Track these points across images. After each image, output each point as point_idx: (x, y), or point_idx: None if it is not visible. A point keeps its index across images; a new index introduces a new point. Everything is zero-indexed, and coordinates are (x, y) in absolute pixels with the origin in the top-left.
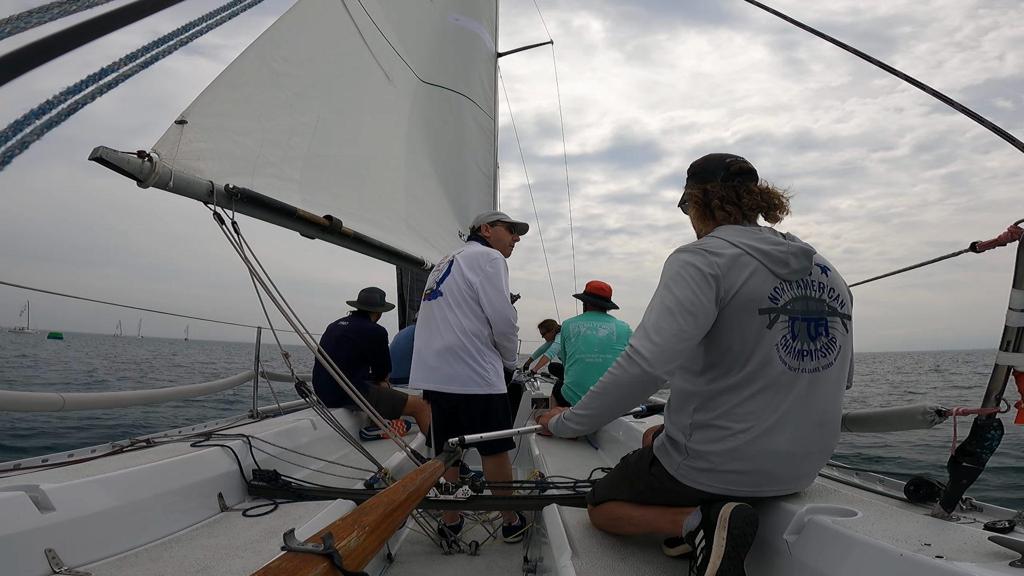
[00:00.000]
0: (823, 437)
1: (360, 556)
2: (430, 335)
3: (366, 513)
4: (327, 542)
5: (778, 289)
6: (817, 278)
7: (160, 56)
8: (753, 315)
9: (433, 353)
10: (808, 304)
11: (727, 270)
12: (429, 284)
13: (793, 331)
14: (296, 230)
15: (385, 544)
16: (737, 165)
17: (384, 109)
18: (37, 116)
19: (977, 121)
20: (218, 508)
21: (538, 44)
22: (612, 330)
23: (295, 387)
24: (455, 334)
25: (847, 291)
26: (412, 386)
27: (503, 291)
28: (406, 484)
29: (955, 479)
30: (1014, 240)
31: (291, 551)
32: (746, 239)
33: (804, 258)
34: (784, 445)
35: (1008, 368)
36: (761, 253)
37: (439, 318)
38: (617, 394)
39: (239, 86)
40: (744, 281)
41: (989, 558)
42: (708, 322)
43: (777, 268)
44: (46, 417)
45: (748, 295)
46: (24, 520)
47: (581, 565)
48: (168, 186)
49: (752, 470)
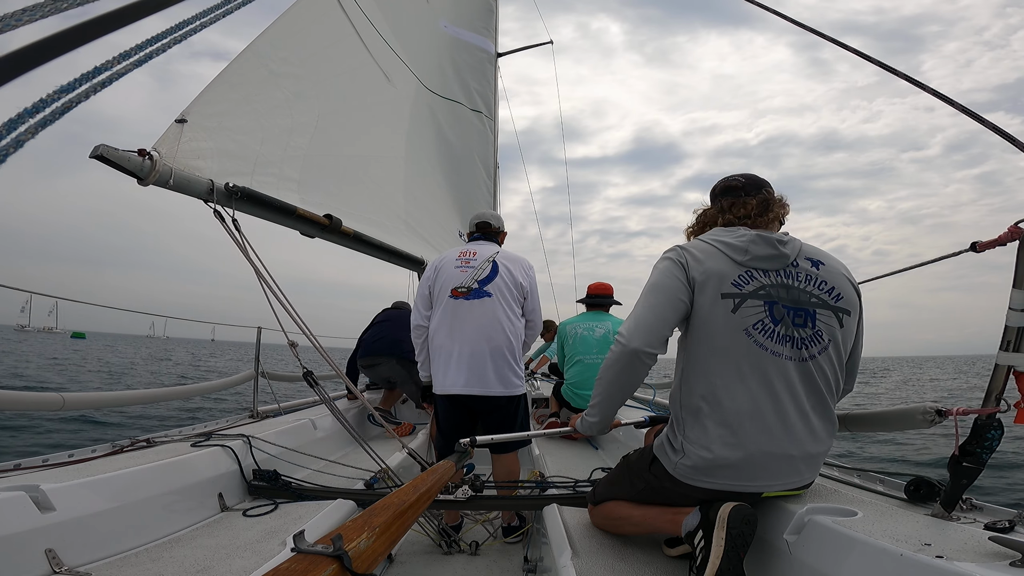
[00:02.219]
0: (814, 428)
1: (370, 558)
2: (474, 336)
3: (376, 514)
4: (337, 543)
5: (743, 276)
6: (805, 270)
7: (155, 54)
8: (717, 299)
9: (478, 355)
10: (790, 292)
11: (693, 259)
12: (463, 281)
13: (773, 316)
14: (296, 229)
15: (395, 545)
16: (721, 185)
17: (384, 109)
18: (31, 115)
19: (988, 127)
20: (218, 508)
21: (538, 44)
22: (608, 328)
23: (303, 377)
24: (506, 335)
25: (848, 286)
26: (446, 391)
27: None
28: (416, 485)
29: (955, 479)
30: (1014, 240)
31: (301, 552)
32: (718, 236)
33: (765, 244)
34: (773, 431)
35: (1008, 368)
36: (724, 245)
37: (488, 319)
38: (609, 375)
39: (238, 86)
40: (707, 268)
41: (989, 558)
42: (678, 296)
43: (737, 255)
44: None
45: (710, 279)
46: (24, 520)
47: (581, 565)
48: (168, 184)
49: (748, 465)
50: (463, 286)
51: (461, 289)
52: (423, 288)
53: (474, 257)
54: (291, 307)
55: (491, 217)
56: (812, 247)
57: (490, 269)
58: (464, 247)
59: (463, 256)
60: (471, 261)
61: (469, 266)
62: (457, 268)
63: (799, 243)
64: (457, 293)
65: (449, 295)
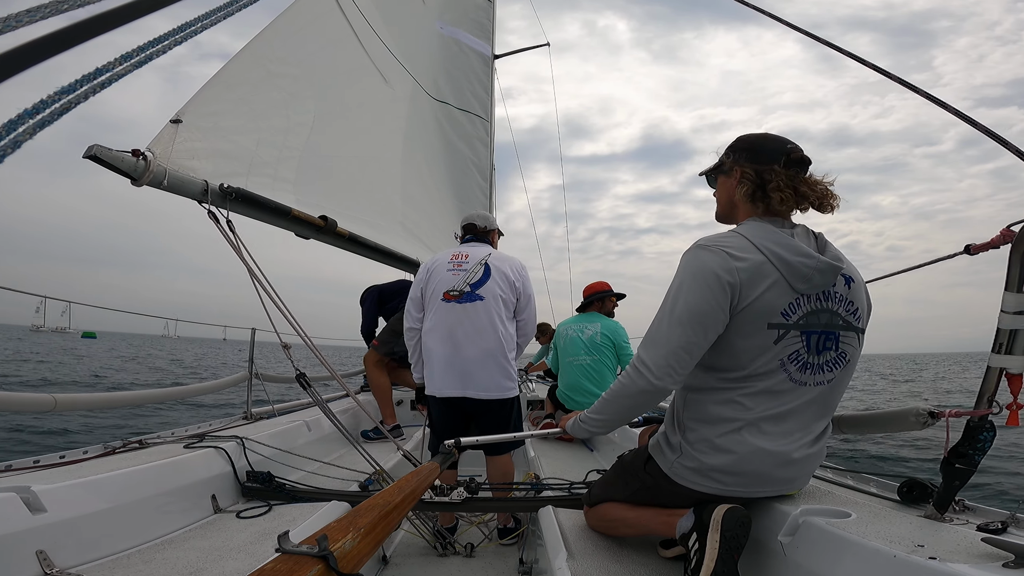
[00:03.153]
0: (818, 442)
1: (355, 558)
2: (465, 340)
3: (361, 515)
4: (322, 544)
5: (792, 305)
6: (839, 290)
7: (155, 55)
8: (762, 328)
9: (470, 359)
10: (821, 317)
11: (746, 279)
12: (455, 284)
13: (808, 345)
14: (291, 230)
15: (380, 546)
16: (799, 153)
17: (380, 110)
18: (30, 116)
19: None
20: (211, 510)
21: (535, 46)
22: (597, 330)
23: (296, 379)
24: (498, 339)
25: (867, 304)
26: (438, 394)
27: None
28: (401, 486)
29: (948, 480)
30: (1006, 243)
31: (286, 553)
32: (773, 244)
33: (830, 274)
34: (780, 448)
35: (1000, 370)
36: (784, 264)
37: (480, 322)
38: (625, 403)
39: (234, 86)
40: (760, 295)
41: (982, 559)
42: (718, 331)
43: (797, 283)
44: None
45: (761, 308)
46: (15, 521)
47: (576, 567)
48: (162, 185)
49: (745, 471)
50: (455, 289)
51: (453, 292)
52: (415, 290)
53: (466, 260)
54: (285, 308)
55: (478, 218)
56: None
57: (482, 272)
58: (456, 249)
59: (455, 259)
60: (463, 264)
61: (461, 269)
62: (449, 271)
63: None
64: (449, 296)
65: (441, 298)
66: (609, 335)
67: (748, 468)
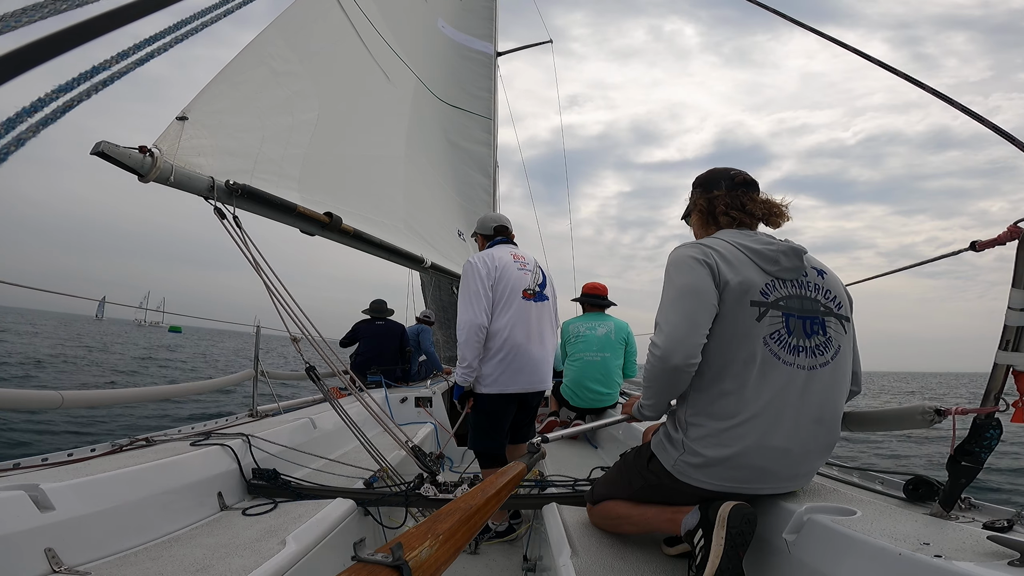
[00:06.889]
0: (821, 435)
1: (432, 567)
2: (540, 338)
3: (441, 520)
4: (396, 553)
5: (769, 285)
6: (812, 279)
7: (155, 54)
8: (745, 306)
9: (544, 356)
10: (803, 303)
11: (720, 260)
12: (527, 284)
13: (788, 327)
14: (296, 226)
15: (459, 553)
16: (741, 176)
17: (384, 108)
18: (29, 114)
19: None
20: (218, 507)
21: (538, 43)
22: (611, 328)
23: (306, 372)
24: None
25: (845, 294)
26: (514, 390)
27: None
28: (485, 488)
29: (954, 478)
30: (1014, 239)
31: (360, 561)
32: (740, 240)
33: (794, 256)
34: (780, 442)
35: (1007, 367)
36: (752, 251)
37: (545, 321)
38: (656, 386)
39: (239, 84)
40: (737, 273)
41: (987, 557)
42: (711, 301)
43: (767, 265)
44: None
45: (741, 286)
46: (24, 519)
47: (580, 564)
48: (169, 181)
49: (748, 466)
50: (529, 289)
51: (529, 291)
52: (483, 287)
53: (525, 261)
54: (295, 303)
55: (508, 221)
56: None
57: (541, 275)
58: (510, 249)
59: (517, 259)
60: (526, 265)
61: (527, 269)
62: (520, 271)
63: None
64: (527, 295)
65: (521, 296)
66: (623, 333)
67: (749, 462)
